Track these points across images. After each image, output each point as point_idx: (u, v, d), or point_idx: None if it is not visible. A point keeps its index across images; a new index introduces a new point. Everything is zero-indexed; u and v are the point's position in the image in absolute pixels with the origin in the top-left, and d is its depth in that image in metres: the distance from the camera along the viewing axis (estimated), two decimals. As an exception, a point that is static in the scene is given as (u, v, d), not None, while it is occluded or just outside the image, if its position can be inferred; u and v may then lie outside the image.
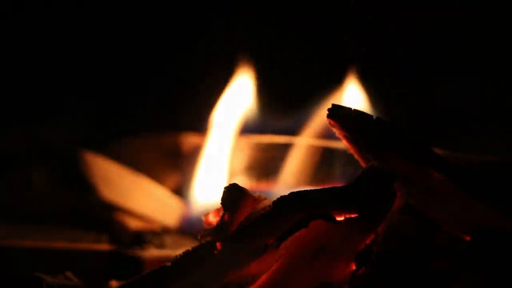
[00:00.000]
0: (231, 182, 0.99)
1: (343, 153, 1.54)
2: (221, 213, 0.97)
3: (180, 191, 1.71)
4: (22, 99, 1.98)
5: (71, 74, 2.02)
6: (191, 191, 1.61)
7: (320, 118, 1.62)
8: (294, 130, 1.67)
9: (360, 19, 1.85)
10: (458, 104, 2.02)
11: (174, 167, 1.79)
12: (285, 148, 1.70)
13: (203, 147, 1.64)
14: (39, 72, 2.00)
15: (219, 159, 1.63)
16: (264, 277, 0.99)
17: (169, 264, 0.96)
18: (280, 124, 1.69)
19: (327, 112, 1.02)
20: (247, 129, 1.69)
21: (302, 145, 1.66)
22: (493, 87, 2.02)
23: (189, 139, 1.78)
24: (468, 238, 1.02)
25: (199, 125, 1.66)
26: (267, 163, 1.74)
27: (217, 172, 1.62)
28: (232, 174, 1.73)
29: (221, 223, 0.96)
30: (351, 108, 1.02)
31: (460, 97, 2.02)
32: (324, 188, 0.97)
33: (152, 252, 1.50)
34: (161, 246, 1.53)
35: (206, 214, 1.02)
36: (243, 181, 1.74)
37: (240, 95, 1.68)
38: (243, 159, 1.78)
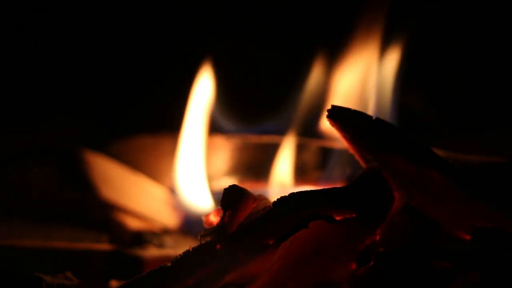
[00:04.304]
0: (228, 183, 0.99)
1: (343, 153, 1.54)
2: (221, 214, 0.97)
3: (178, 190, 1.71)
4: (22, 99, 1.98)
5: (71, 74, 2.02)
6: (181, 190, 1.61)
7: (311, 118, 1.62)
8: (288, 131, 1.67)
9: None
10: (459, 104, 2.02)
11: (174, 167, 1.79)
12: (282, 148, 1.69)
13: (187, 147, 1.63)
14: (39, 72, 2.00)
15: (198, 159, 1.62)
16: (264, 277, 0.99)
17: (169, 264, 0.96)
18: (274, 124, 1.68)
19: (327, 113, 1.02)
20: (238, 130, 1.68)
21: (299, 145, 1.66)
22: (493, 87, 2.02)
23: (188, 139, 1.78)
24: (468, 238, 1.02)
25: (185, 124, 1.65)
26: (264, 163, 1.73)
27: (196, 172, 1.61)
28: (228, 174, 1.73)
29: (221, 224, 0.96)
30: (350, 109, 1.02)
31: (460, 97, 2.02)
32: (323, 189, 0.97)
33: (152, 252, 1.50)
34: (161, 246, 1.53)
35: (207, 215, 1.02)
36: (240, 181, 1.74)
37: (211, 95, 1.67)
38: (239, 159, 1.78)
